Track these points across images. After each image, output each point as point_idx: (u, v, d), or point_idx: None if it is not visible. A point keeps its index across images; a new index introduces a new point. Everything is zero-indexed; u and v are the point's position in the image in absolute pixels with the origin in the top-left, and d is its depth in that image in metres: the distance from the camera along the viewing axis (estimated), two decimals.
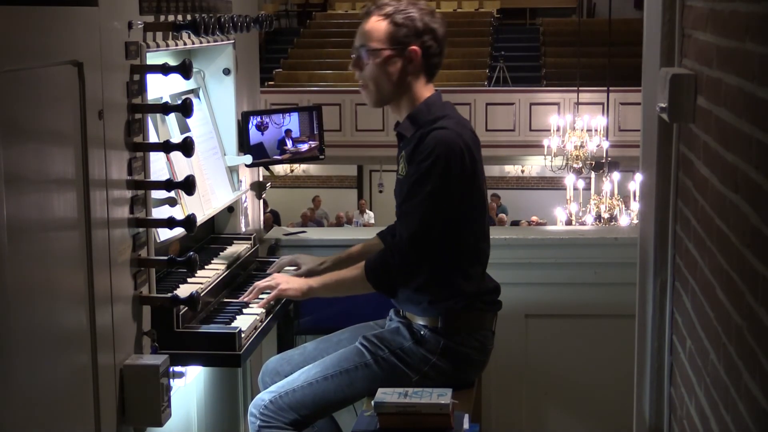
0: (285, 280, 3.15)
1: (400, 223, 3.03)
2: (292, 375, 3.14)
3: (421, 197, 2.93)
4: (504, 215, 16.65)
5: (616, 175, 10.24)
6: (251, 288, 3.20)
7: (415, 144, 2.97)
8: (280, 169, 17.72)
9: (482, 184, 3.06)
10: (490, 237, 3.19)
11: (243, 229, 3.76)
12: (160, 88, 3.08)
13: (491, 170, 18.96)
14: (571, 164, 11.81)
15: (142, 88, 2.67)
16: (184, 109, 2.70)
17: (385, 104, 3.11)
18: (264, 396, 3.10)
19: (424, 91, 3.06)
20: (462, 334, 3.05)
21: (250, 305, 3.17)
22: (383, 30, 3.01)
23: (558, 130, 12.28)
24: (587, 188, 11.42)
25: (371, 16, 3.04)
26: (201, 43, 3.15)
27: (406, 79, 3.02)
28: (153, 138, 2.85)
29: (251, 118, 3.70)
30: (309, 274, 3.29)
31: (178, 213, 2.96)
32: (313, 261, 3.38)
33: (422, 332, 3.05)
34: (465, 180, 2.95)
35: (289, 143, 3.78)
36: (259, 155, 3.71)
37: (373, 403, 2.80)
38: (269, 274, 3.31)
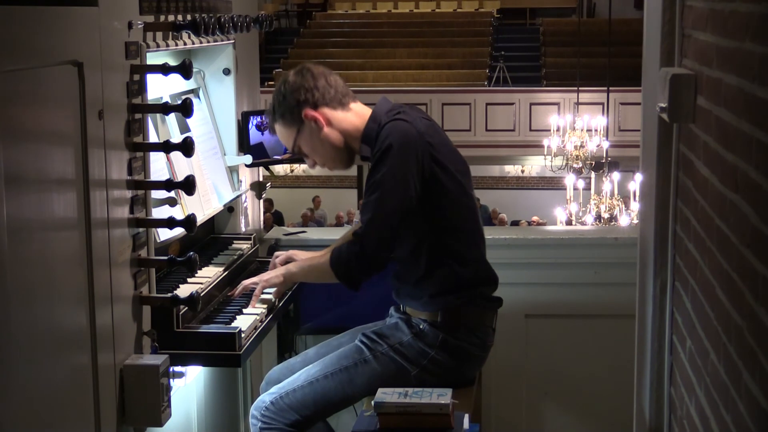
0: (266, 272, 3.21)
1: (360, 214, 3.03)
2: (293, 375, 3.14)
3: (375, 185, 2.94)
4: (504, 215, 16.64)
5: (616, 175, 10.23)
6: (238, 286, 3.24)
7: (375, 144, 3.00)
8: (280, 169, 17.72)
9: (449, 166, 3.01)
10: (492, 237, 3.19)
11: (243, 229, 3.77)
12: (160, 88, 3.08)
13: (491, 170, 18.98)
14: (571, 164, 11.81)
15: (142, 88, 2.67)
16: (184, 109, 2.70)
17: (352, 160, 3.15)
18: (265, 398, 3.10)
19: (358, 115, 3.09)
20: (462, 329, 3.05)
21: (250, 304, 3.18)
22: (282, 128, 3.11)
23: (558, 130, 12.28)
24: (587, 188, 11.42)
25: (274, 126, 3.13)
26: (201, 43, 3.15)
27: (335, 135, 3.07)
28: (153, 138, 2.85)
29: (251, 118, 3.70)
30: None
31: (178, 213, 2.96)
32: (307, 255, 3.37)
33: (421, 326, 3.05)
34: (422, 161, 2.93)
35: None
36: (259, 155, 3.72)
37: (373, 402, 2.80)
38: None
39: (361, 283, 3.02)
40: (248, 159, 3.68)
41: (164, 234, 2.87)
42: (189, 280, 3.12)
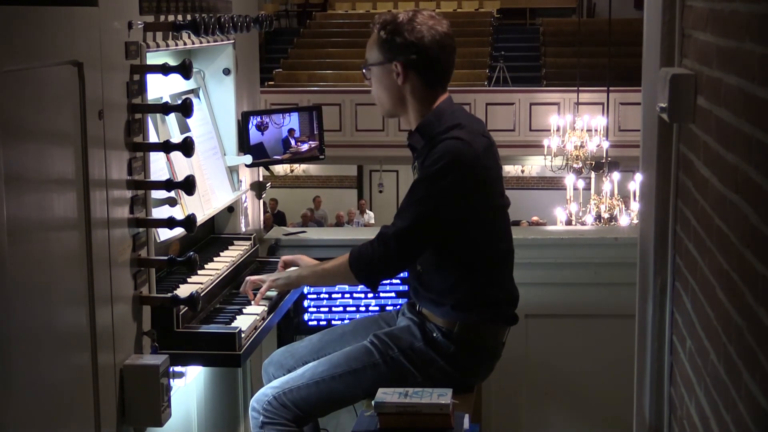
0: (274, 274, 3.22)
1: (395, 217, 3.02)
2: (296, 371, 3.14)
3: (418, 197, 2.92)
4: None
5: (616, 175, 10.23)
6: (245, 282, 3.24)
7: (427, 152, 2.96)
8: (280, 169, 17.72)
9: (495, 189, 3.01)
10: None
11: (243, 229, 3.76)
12: (160, 88, 3.08)
13: None
14: (571, 164, 11.80)
15: (142, 88, 2.67)
16: (184, 109, 2.70)
17: (394, 116, 3.11)
18: (267, 391, 3.09)
19: (431, 99, 3.03)
20: (475, 345, 3.04)
21: (251, 303, 3.18)
22: (373, 46, 3.04)
23: (558, 130, 12.26)
24: (587, 188, 11.41)
25: (372, 32, 3.06)
26: (201, 43, 3.15)
27: (401, 92, 3.02)
28: (153, 138, 2.85)
29: (251, 118, 3.70)
30: None
31: (178, 213, 2.96)
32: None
33: (434, 334, 3.04)
34: (473, 189, 2.92)
35: (293, 142, 3.79)
36: (259, 155, 3.72)
37: (373, 403, 2.80)
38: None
39: (380, 283, 3.03)
40: (248, 159, 3.67)
41: (164, 234, 2.87)
42: (189, 280, 3.12)
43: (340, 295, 3.81)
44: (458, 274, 3.00)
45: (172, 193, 2.87)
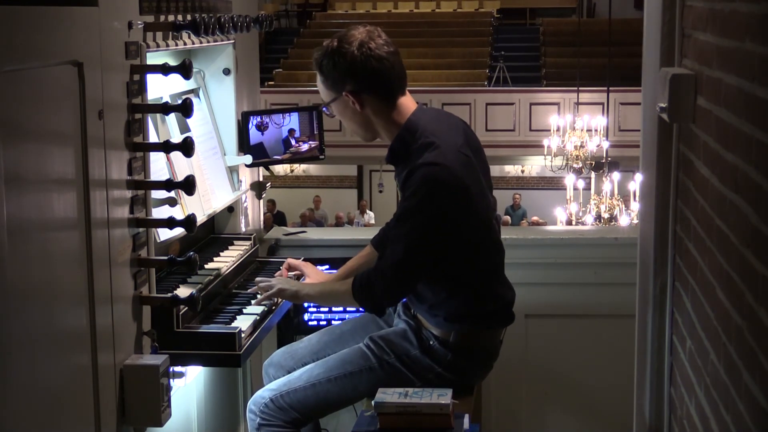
0: (283, 281, 3.18)
1: (389, 245, 2.98)
2: (293, 373, 3.14)
3: (406, 229, 2.88)
4: (508, 217, 16.59)
5: (616, 175, 10.22)
6: (255, 284, 3.23)
7: (405, 176, 2.91)
8: (280, 169, 17.71)
9: (480, 204, 2.96)
10: None
11: (243, 229, 3.76)
12: (160, 88, 3.08)
13: (491, 170, 18.78)
14: (571, 164, 11.80)
15: (142, 88, 2.67)
16: (184, 109, 2.70)
17: (372, 139, 3.09)
18: (264, 394, 3.10)
19: (395, 110, 2.98)
20: (472, 351, 3.04)
21: (252, 302, 3.18)
22: (322, 84, 3.02)
23: (558, 130, 12.26)
24: (587, 188, 11.41)
25: (318, 69, 3.03)
26: (201, 43, 3.15)
27: (365, 117, 2.99)
28: (153, 138, 2.85)
29: (251, 118, 3.70)
30: None
31: (178, 213, 2.96)
32: (318, 277, 3.37)
33: (431, 341, 3.03)
34: (457, 211, 2.87)
35: (293, 142, 3.79)
36: (259, 155, 3.72)
37: (373, 403, 2.80)
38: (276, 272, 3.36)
39: (385, 309, 3.05)
40: (248, 159, 3.67)
41: (164, 234, 2.87)
42: (189, 280, 3.12)
43: None
44: (450, 288, 2.98)
45: (172, 193, 2.87)
